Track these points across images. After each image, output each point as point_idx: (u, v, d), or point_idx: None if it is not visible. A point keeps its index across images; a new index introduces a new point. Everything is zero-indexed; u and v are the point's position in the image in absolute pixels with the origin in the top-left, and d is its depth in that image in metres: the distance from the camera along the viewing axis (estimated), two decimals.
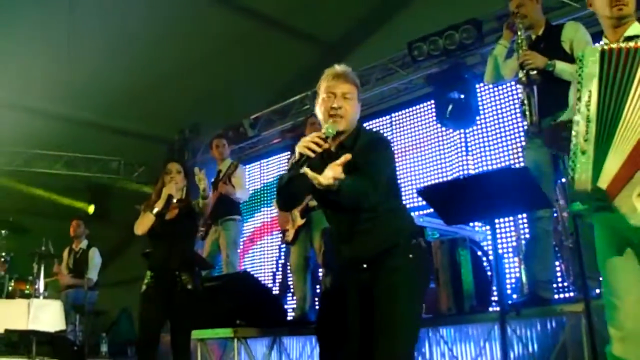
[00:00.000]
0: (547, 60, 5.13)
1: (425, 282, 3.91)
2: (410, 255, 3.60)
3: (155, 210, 5.81)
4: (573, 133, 2.96)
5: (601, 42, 3.24)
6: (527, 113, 5.21)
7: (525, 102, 5.22)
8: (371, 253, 3.65)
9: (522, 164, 5.94)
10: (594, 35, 5.16)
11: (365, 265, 3.67)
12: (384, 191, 3.59)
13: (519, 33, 5.35)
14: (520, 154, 6.28)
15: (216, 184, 8.44)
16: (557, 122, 3.41)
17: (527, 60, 5.18)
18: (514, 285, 6.72)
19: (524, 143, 5.72)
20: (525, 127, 5.51)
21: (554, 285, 5.72)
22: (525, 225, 6.05)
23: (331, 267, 6.89)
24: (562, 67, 5.11)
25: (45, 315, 7.95)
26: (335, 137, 3.64)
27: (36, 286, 9.21)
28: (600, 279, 3.49)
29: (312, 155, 3.46)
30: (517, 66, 5.30)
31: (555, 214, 5.66)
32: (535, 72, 5.14)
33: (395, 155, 3.90)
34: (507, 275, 6.89)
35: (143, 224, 5.87)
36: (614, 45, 2.96)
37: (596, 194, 2.90)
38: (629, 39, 3.09)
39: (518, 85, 5.46)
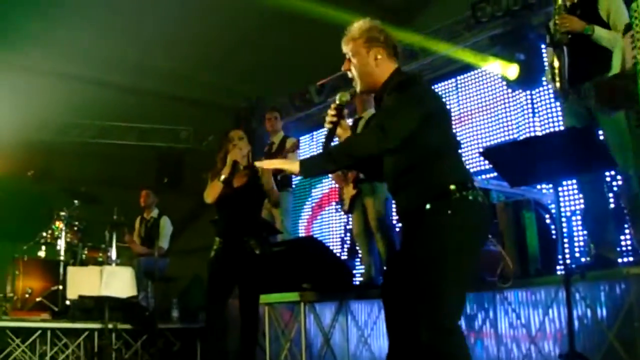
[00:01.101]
0: (584, 24, 5.08)
1: (473, 239, 3.49)
2: (449, 212, 3.38)
3: (223, 177, 5.86)
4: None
5: None
6: (557, 77, 5.14)
7: (555, 64, 5.15)
8: (411, 207, 3.53)
9: None
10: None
11: (411, 219, 3.56)
12: (405, 136, 3.38)
13: None
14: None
15: (268, 156, 8.48)
16: (608, 77, 3.34)
17: (564, 23, 5.14)
18: (581, 248, 6.63)
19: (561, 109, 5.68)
20: (554, 91, 5.43)
21: (622, 248, 5.64)
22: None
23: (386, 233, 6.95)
24: (600, 33, 5.07)
25: (117, 281, 8.16)
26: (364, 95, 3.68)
27: (108, 254, 9.47)
28: None
29: (332, 127, 3.61)
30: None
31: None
32: (565, 34, 5.11)
33: (427, 94, 3.63)
34: (575, 238, 6.79)
35: (213, 192, 5.93)
36: None
37: None
38: None
39: (547, 49, 5.41)
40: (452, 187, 3.41)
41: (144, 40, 9.29)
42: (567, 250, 5.80)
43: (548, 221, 6.00)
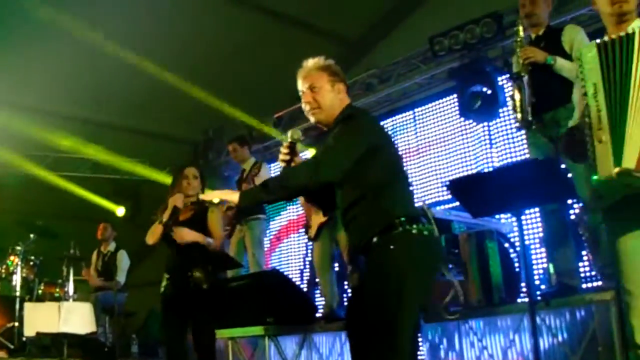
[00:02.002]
0: (546, 55, 5.22)
1: (417, 273, 3.40)
2: (392, 246, 3.38)
3: (162, 221, 5.87)
4: (587, 126, 3.02)
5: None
6: (517, 108, 5.26)
7: (515, 97, 5.27)
8: (359, 241, 3.55)
9: None
10: (592, 34, 5.31)
11: (362, 253, 3.57)
12: (341, 168, 3.44)
13: (520, 32, 5.41)
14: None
15: (240, 183, 8.49)
16: (570, 128, 3.43)
17: (526, 54, 5.26)
18: (542, 276, 6.74)
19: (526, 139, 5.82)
20: (516, 123, 5.56)
21: (582, 275, 5.75)
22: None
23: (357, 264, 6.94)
24: (562, 63, 5.22)
25: (76, 317, 8.05)
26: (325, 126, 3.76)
27: (66, 289, 9.33)
28: None
29: (285, 165, 3.70)
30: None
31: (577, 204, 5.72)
32: (526, 65, 5.24)
33: (369, 126, 3.69)
34: (535, 266, 6.91)
35: (153, 234, 5.94)
36: (606, 38, 3.07)
37: (622, 178, 2.93)
38: None
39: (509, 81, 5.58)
40: (397, 221, 3.42)
41: (100, 71, 9.25)
42: (530, 279, 5.89)
43: (510, 250, 6.10)
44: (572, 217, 5.89)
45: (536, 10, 5.54)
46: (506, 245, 6.14)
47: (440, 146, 8.66)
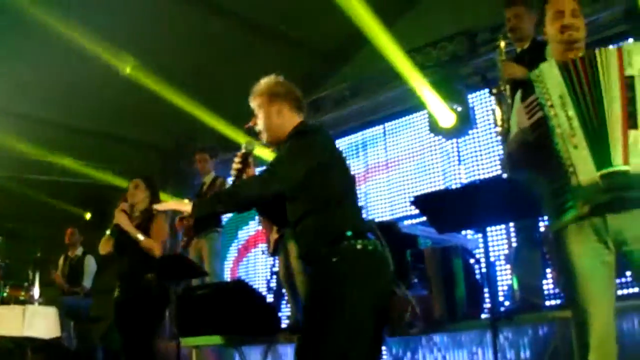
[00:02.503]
0: (526, 71, 5.25)
1: (359, 288, 3.41)
2: (334, 259, 3.43)
3: (108, 233, 6.21)
4: (556, 135, 3.11)
5: None
6: (498, 121, 5.32)
7: (497, 110, 5.34)
8: (306, 254, 3.65)
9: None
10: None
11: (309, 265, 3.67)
12: (290, 182, 3.53)
13: (501, 46, 5.48)
14: None
15: (198, 197, 8.48)
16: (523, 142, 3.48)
17: (507, 70, 5.30)
18: (506, 292, 6.81)
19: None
20: (498, 135, 5.63)
21: (545, 292, 5.82)
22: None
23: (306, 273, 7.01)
24: None
25: (41, 321, 8.00)
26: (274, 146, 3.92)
27: (31, 293, 9.27)
28: None
29: (237, 174, 3.76)
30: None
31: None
32: (506, 80, 5.29)
33: (317, 144, 3.69)
34: (499, 283, 6.98)
35: (103, 246, 6.30)
36: (566, 59, 3.25)
37: (606, 180, 3.01)
38: None
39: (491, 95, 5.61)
40: (343, 235, 3.47)
41: (71, 73, 9.20)
42: (492, 295, 5.95)
43: (474, 266, 6.16)
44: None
45: (520, 24, 5.59)
46: (471, 261, 6.20)
47: (409, 161, 8.73)
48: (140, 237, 5.99)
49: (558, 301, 6.19)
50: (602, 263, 3.13)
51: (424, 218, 5.80)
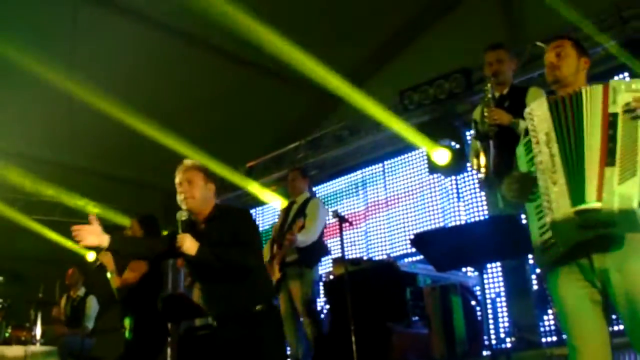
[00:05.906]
0: (511, 117, 5.30)
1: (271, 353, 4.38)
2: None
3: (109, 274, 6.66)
4: (539, 171, 3.21)
5: None
6: (482, 168, 5.38)
7: (481, 156, 5.39)
8: (244, 310, 4.35)
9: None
10: None
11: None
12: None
13: (488, 90, 5.54)
14: None
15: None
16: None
17: (492, 116, 5.37)
18: (506, 329, 6.80)
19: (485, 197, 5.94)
20: (479, 181, 5.68)
21: (545, 329, 5.84)
22: None
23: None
24: (523, 126, 5.29)
25: None
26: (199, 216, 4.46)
27: (33, 333, 9.25)
28: None
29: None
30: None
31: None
32: (492, 126, 5.36)
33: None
34: (500, 319, 6.97)
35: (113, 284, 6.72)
36: (555, 96, 3.35)
37: (581, 215, 3.06)
38: None
39: (473, 140, 5.67)
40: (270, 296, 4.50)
41: (75, 116, 9.29)
42: (492, 332, 5.96)
43: (473, 303, 6.17)
44: (538, 270, 6.00)
45: (502, 68, 5.67)
46: (470, 298, 6.22)
47: (408, 199, 8.77)
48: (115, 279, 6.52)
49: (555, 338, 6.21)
50: (592, 302, 3.17)
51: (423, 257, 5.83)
